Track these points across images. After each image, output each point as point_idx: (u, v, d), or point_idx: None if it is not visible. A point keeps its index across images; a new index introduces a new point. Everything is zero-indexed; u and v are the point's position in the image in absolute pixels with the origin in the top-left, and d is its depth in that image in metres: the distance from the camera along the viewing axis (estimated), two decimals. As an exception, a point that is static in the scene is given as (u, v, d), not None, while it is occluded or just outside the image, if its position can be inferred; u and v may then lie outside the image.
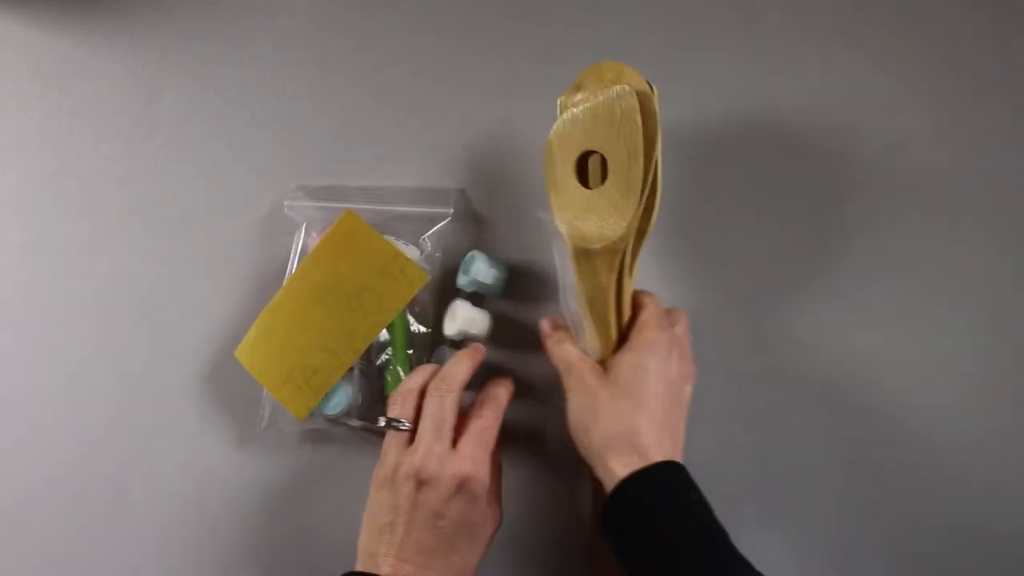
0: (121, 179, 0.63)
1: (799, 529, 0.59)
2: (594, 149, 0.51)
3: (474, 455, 0.50)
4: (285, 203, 0.61)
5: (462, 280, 0.59)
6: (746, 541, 0.48)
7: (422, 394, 0.53)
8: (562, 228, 0.52)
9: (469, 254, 0.59)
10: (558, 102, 0.61)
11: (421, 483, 0.49)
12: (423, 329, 0.61)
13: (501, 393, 0.54)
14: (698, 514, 0.48)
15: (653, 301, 0.54)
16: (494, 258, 0.59)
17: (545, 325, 0.56)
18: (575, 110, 0.51)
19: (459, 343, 0.60)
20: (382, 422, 0.52)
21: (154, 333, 0.62)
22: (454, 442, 0.51)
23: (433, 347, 0.61)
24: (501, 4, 0.65)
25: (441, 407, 0.51)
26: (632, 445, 0.49)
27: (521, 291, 0.61)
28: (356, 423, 0.60)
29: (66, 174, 0.63)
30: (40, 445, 0.61)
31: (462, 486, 0.49)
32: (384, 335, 0.60)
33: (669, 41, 0.65)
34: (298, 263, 0.60)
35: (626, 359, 0.51)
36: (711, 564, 0.46)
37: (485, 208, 0.63)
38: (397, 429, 0.52)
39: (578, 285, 0.52)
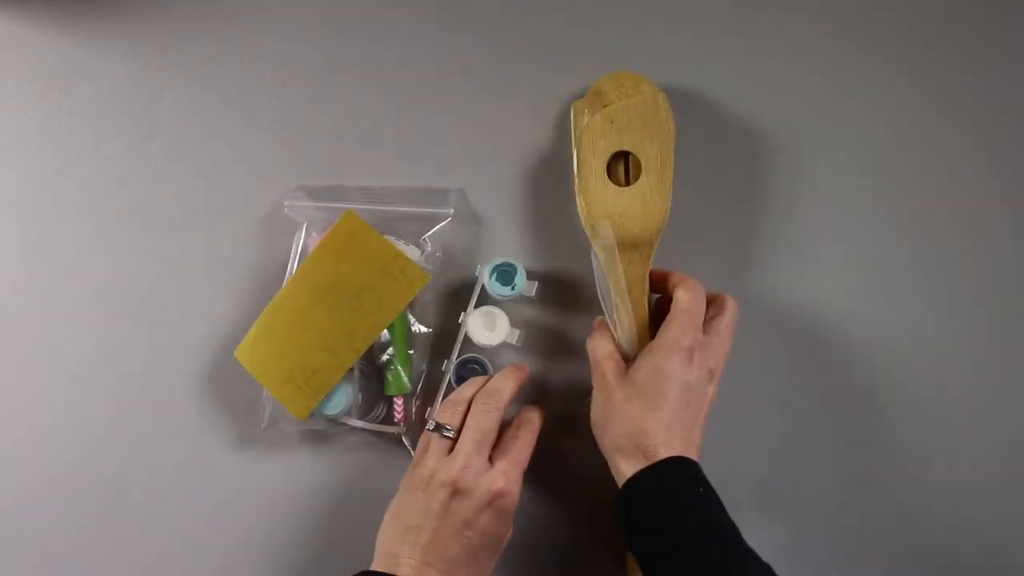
0: (121, 179, 0.63)
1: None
2: (627, 149, 0.56)
3: (509, 473, 0.52)
4: (285, 203, 0.61)
5: (501, 290, 0.59)
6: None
7: (468, 405, 0.55)
8: (603, 223, 0.55)
9: (500, 262, 0.59)
10: (572, 106, 0.62)
11: (456, 492, 0.51)
12: (424, 329, 0.61)
13: (535, 419, 0.56)
14: (706, 509, 0.48)
15: (689, 294, 0.53)
16: (518, 263, 0.59)
17: (595, 323, 0.57)
18: (610, 108, 0.56)
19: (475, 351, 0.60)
20: (430, 426, 0.54)
21: (154, 333, 0.62)
22: (491, 458, 0.53)
23: (434, 351, 0.61)
24: (501, 5, 0.64)
25: (487, 421, 0.53)
26: (638, 446, 0.50)
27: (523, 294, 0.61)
28: (356, 423, 0.60)
29: (66, 174, 0.63)
30: (40, 445, 0.61)
31: (494, 501, 0.51)
32: (385, 335, 0.60)
33: (669, 42, 0.65)
34: (298, 263, 0.60)
35: (646, 362, 0.52)
36: (719, 558, 0.47)
37: (485, 208, 0.63)
38: (443, 435, 0.54)
39: (618, 276, 0.55)
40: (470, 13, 0.64)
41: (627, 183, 0.57)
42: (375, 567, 0.51)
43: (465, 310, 0.59)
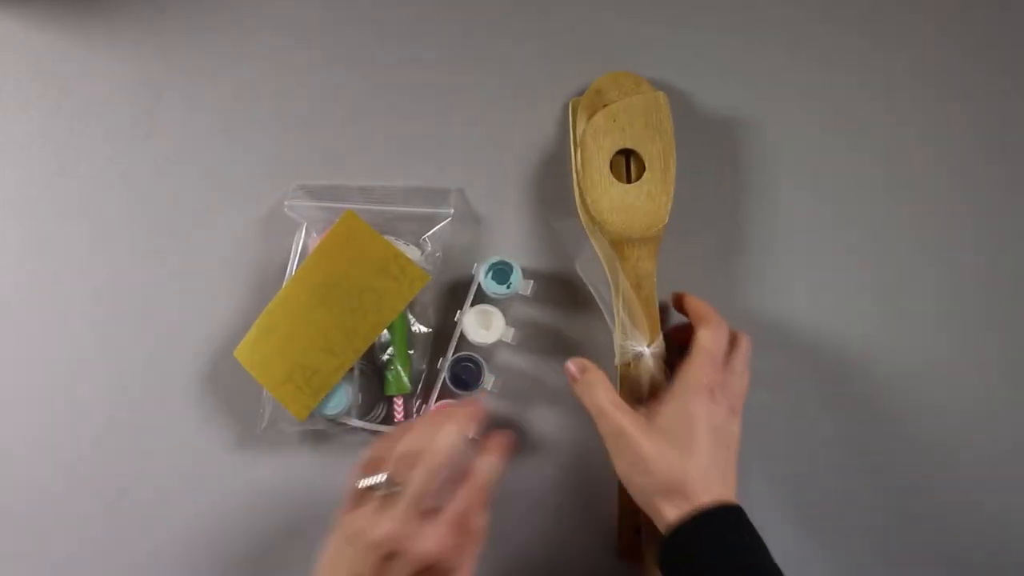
0: (121, 179, 0.63)
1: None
2: (630, 147, 0.57)
3: (445, 539, 0.48)
4: (285, 203, 0.61)
5: (497, 289, 0.59)
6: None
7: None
8: (605, 219, 0.56)
9: (496, 261, 0.59)
10: (570, 104, 0.62)
11: (389, 556, 0.47)
12: (423, 329, 0.61)
13: (485, 469, 0.51)
14: (751, 557, 0.48)
15: (711, 333, 0.53)
16: (514, 262, 0.59)
17: (572, 367, 0.55)
18: (612, 107, 0.57)
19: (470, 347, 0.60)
20: (367, 482, 0.50)
21: (154, 333, 0.62)
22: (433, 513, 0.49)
23: (434, 351, 0.61)
24: (501, 5, 0.65)
25: (426, 484, 0.48)
26: (681, 493, 0.49)
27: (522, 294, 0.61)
28: (356, 423, 0.60)
29: (66, 174, 0.63)
30: (40, 445, 0.61)
31: (428, 569, 0.47)
32: (385, 335, 0.60)
33: (667, 42, 0.65)
34: (298, 263, 0.60)
35: (671, 407, 0.52)
36: None
37: (485, 208, 0.63)
38: (377, 491, 0.49)
39: (622, 274, 0.56)
40: (470, 13, 0.64)
41: (628, 181, 0.58)
42: None
43: (461, 308, 0.59)
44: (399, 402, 0.60)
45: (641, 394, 0.56)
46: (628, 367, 0.57)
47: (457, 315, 0.59)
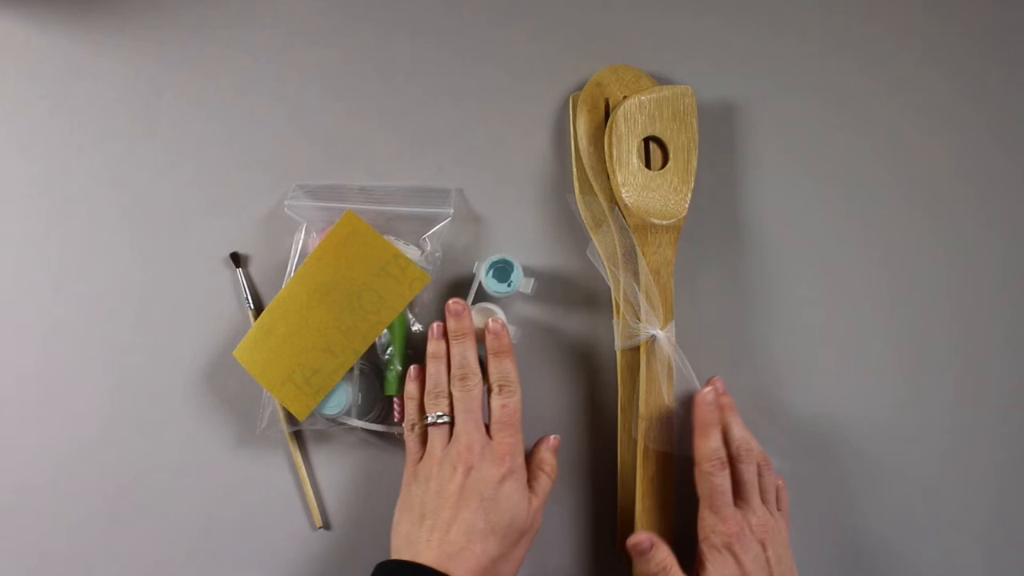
0: (121, 179, 0.63)
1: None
2: (656, 135, 0.59)
3: (509, 440, 0.54)
4: (285, 203, 0.61)
5: (498, 287, 0.59)
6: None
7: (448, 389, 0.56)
8: (631, 202, 0.58)
9: (497, 259, 0.59)
10: (570, 99, 0.62)
11: (469, 468, 0.52)
12: (423, 329, 0.61)
13: (512, 381, 0.56)
14: None
15: (703, 473, 0.54)
16: (515, 261, 0.59)
17: (644, 541, 0.54)
18: (642, 98, 0.59)
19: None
20: (429, 419, 0.56)
21: (154, 333, 0.62)
22: (488, 432, 0.55)
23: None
24: (500, 6, 0.65)
25: (470, 399, 0.55)
26: None
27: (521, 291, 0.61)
28: (356, 423, 0.60)
29: (66, 174, 0.63)
30: (40, 445, 0.61)
31: (508, 470, 0.53)
32: (384, 335, 0.60)
33: (666, 35, 0.65)
34: (298, 263, 0.60)
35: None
36: None
37: (485, 208, 0.63)
38: (442, 423, 0.55)
39: (643, 259, 0.57)
40: (469, 13, 0.64)
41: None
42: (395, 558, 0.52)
43: None
44: (399, 402, 0.60)
45: (657, 378, 0.57)
46: (634, 351, 0.58)
47: None
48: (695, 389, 0.57)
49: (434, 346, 0.57)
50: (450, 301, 0.57)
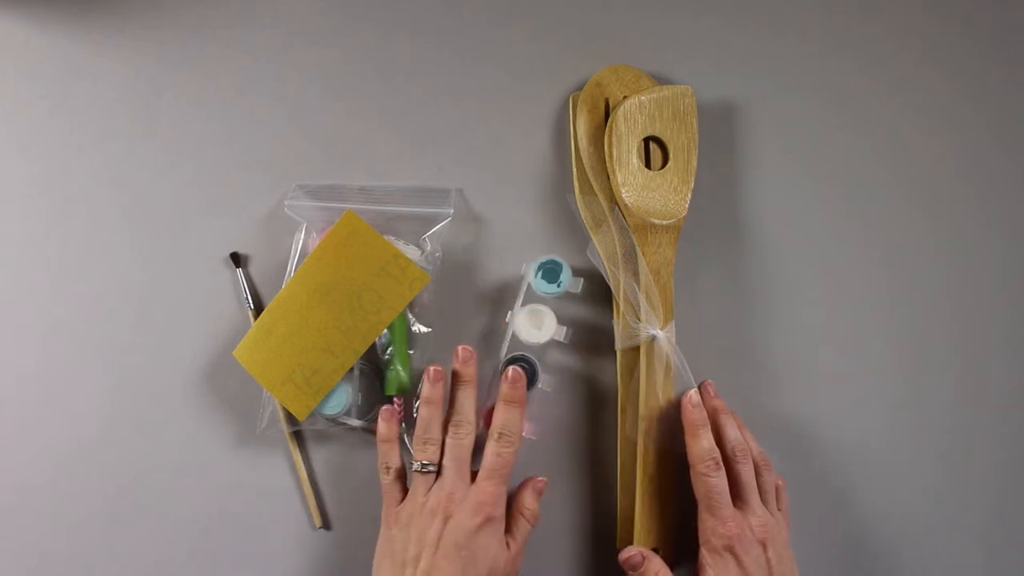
0: (121, 179, 0.63)
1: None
2: (658, 135, 0.59)
3: (492, 489, 0.54)
4: (285, 203, 0.61)
5: (548, 288, 0.59)
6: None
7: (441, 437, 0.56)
8: (631, 202, 0.58)
9: (546, 260, 0.59)
10: (570, 99, 0.62)
11: (448, 517, 0.53)
12: (424, 329, 0.61)
13: (513, 430, 0.56)
14: None
15: (698, 475, 0.54)
16: (563, 261, 0.59)
17: (635, 556, 0.55)
18: (642, 98, 0.59)
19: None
20: (415, 467, 0.56)
21: (154, 333, 0.62)
22: (474, 479, 0.55)
23: (434, 351, 0.61)
24: (500, 6, 0.65)
25: (460, 449, 0.55)
26: None
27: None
28: (356, 423, 0.60)
29: (66, 174, 0.63)
30: (39, 445, 0.61)
31: (485, 519, 0.53)
32: (385, 335, 0.60)
33: (666, 35, 0.65)
34: (298, 263, 0.60)
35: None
36: None
37: (485, 208, 0.63)
38: (425, 471, 0.55)
39: (643, 259, 0.57)
40: (469, 13, 0.64)
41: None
42: None
43: (512, 309, 0.59)
44: (399, 402, 0.60)
45: (656, 377, 0.57)
46: (634, 351, 0.58)
47: (508, 315, 0.59)
48: (693, 390, 0.57)
49: (428, 390, 0.57)
50: (459, 347, 0.57)
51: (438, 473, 0.55)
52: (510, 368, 0.57)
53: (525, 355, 0.59)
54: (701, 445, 0.54)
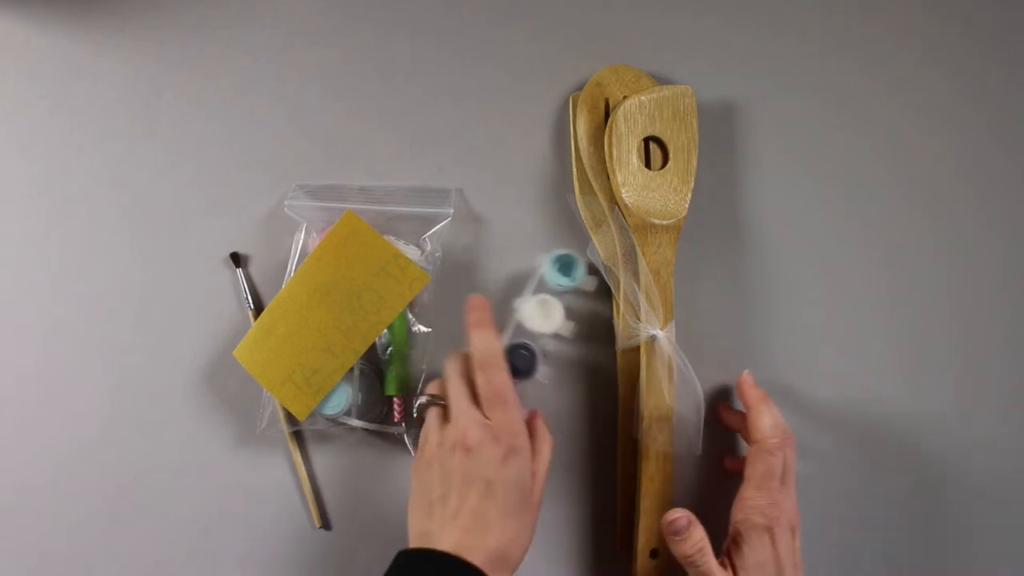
0: (121, 179, 0.63)
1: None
2: (656, 135, 0.59)
3: (507, 417, 0.51)
4: (285, 203, 0.61)
5: (561, 280, 0.58)
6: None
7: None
8: (631, 202, 0.58)
9: (562, 253, 0.59)
10: (570, 99, 0.62)
11: (468, 450, 0.50)
12: (424, 329, 0.61)
13: (494, 360, 0.53)
14: None
15: (761, 451, 0.54)
16: (578, 256, 0.59)
17: (681, 518, 0.53)
18: (642, 98, 0.58)
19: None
20: (422, 399, 0.54)
21: (154, 333, 0.62)
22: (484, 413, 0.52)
23: (435, 351, 0.61)
24: (500, 6, 0.64)
25: (463, 383, 0.53)
26: None
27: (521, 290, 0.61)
28: (356, 423, 0.60)
29: (66, 174, 0.63)
30: (40, 445, 0.61)
31: (509, 449, 0.50)
32: (384, 334, 0.60)
33: (664, 43, 0.65)
34: (298, 263, 0.60)
35: (748, 565, 0.52)
36: None
37: (485, 208, 0.63)
38: (436, 404, 0.53)
39: (643, 259, 0.58)
40: (469, 13, 0.64)
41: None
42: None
43: (520, 297, 0.59)
44: (399, 402, 0.60)
45: (657, 378, 0.57)
46: (634, 351, 0.58)
47: (515, 302, 0.59)
48: (696, 389, 0.57)
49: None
50: (472, 296, 0.56)
51: (445, 409, 0.53)
52: (471, 296, 0.56)
53: (526, 342, 0.58)
54: (765, 422, 0.54)
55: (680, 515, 0.53)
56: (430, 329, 0.61)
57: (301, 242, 0.60)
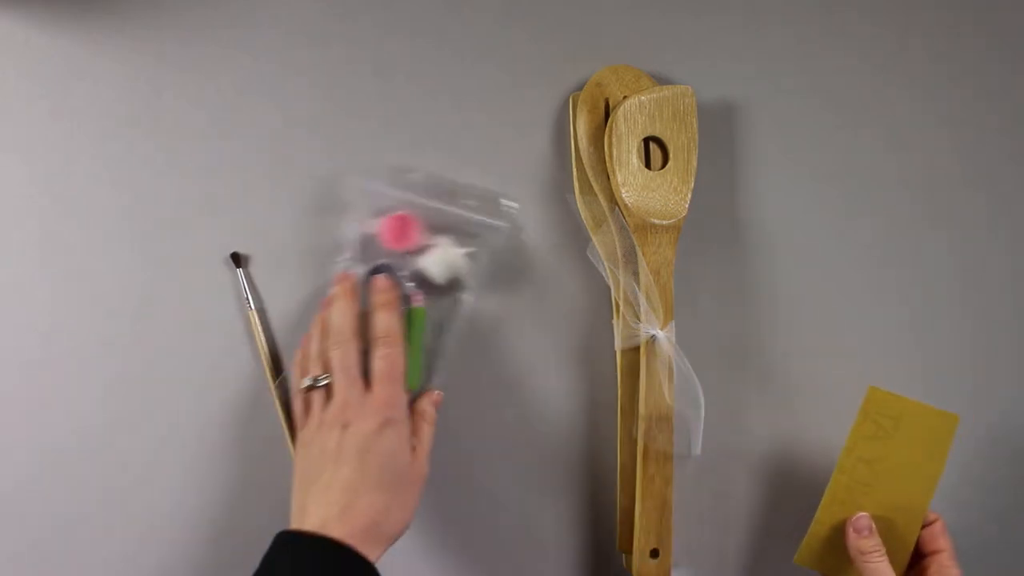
0: (121, 179, 0.63)
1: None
2: (656, 135, 0.59)
3: (388, 391, 0.52)
4: (366, 183, 0.60)
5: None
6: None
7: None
8: (631, 202, 0.58)
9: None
10: (570, 99, 0.62)
11: (346, 425, 0.51)
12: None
13: (392, 333, 0.55)
14: None
15: None
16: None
17: (865, 525, 0.55)
18: (642, 98, 0.59)
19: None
20: (305, 383, 0.54)
21: (154, 332, 0.62)
22: (368, 384, 0.53)
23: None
24: (500, 6, 0.64)
25: (346, 357, 0.54)
26: None
27: (521, 290, 0.61)
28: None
29: (66, 174, 0.63)
30: (39, 444, 0.61)
31: (384, 421, 0.51)
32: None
33: (664, 43, 0.65)
34: (356, 248, 0.59)
35: None
36: None
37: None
38: (317, 386, 0.54)
39: (643, 259, 0.58)
40: (469, 13, 0.64)
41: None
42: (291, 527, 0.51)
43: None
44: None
45: (657, 378, 0.58)
46: (634, 351, 0.59)
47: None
48: (696, 389, 0.57)
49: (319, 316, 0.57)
50: (339, 272, 0.57)
51: (328, 389, 0.54)
52: (376, 277, 0.57)
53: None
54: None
55: (864, 515, 0.55)
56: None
57: (357, 229, 0.60)
